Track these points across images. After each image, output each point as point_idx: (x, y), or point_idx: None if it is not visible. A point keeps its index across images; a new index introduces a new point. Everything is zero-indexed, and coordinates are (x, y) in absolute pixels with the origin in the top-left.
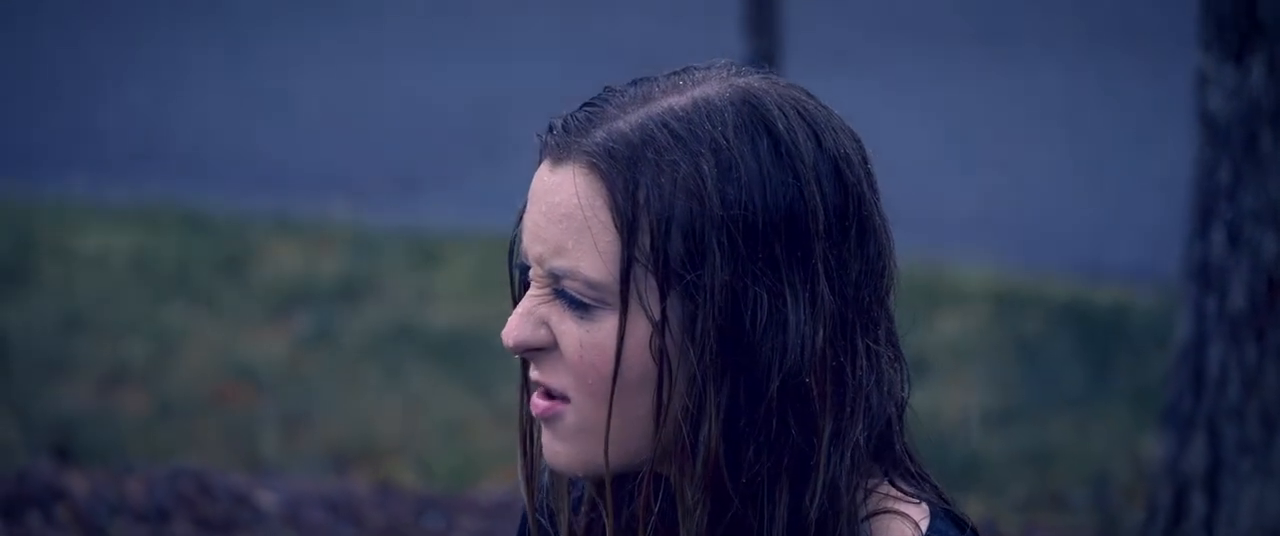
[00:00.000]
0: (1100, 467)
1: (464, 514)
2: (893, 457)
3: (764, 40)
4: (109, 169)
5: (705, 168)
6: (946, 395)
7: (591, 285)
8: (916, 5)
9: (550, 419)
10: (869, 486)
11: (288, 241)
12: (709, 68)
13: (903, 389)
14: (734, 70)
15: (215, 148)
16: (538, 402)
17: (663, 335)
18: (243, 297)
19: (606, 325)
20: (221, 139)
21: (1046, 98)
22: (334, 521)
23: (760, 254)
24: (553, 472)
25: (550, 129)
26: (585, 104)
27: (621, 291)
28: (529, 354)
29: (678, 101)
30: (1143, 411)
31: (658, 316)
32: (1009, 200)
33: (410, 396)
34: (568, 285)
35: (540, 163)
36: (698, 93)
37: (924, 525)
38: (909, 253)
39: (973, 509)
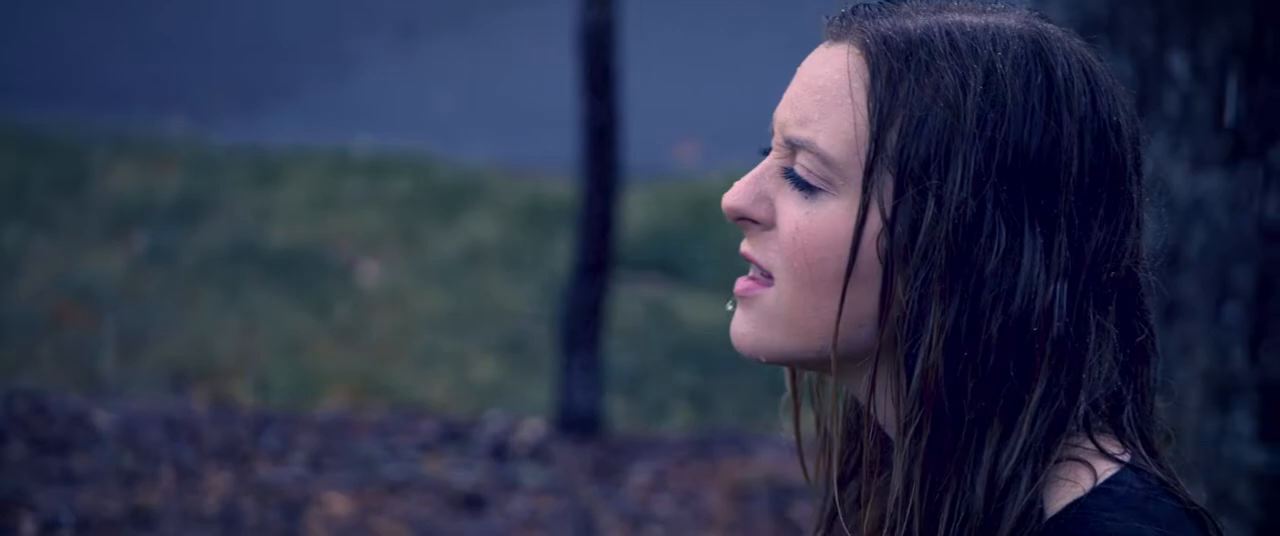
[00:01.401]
0: None
1: (301, 431)
2: (1117, 430)
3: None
4: None
5: (972, 84)
6: None
7: (825, 161)
8: None
9: (748, 299)
10: (1073, 443)
11: (126, 160)
12: (1013, 5)
13: (1147, 375)
14: (1039, 15)
15: (52, 67)
16: (741, 281)
17: (892, 233)
18: (80, 217)
19: (827, 210)
20: (58, 57)
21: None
22: (171, 440)
23: (1006, 185)
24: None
25: (844, 12)
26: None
27: (864, 177)
28: (744, 224)
29: (971, 20)
30: None
31: (889, 214)
32: None
33: (248, 315)
34: (800, 161)
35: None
36: (993, 19)
37: (1105, 474)
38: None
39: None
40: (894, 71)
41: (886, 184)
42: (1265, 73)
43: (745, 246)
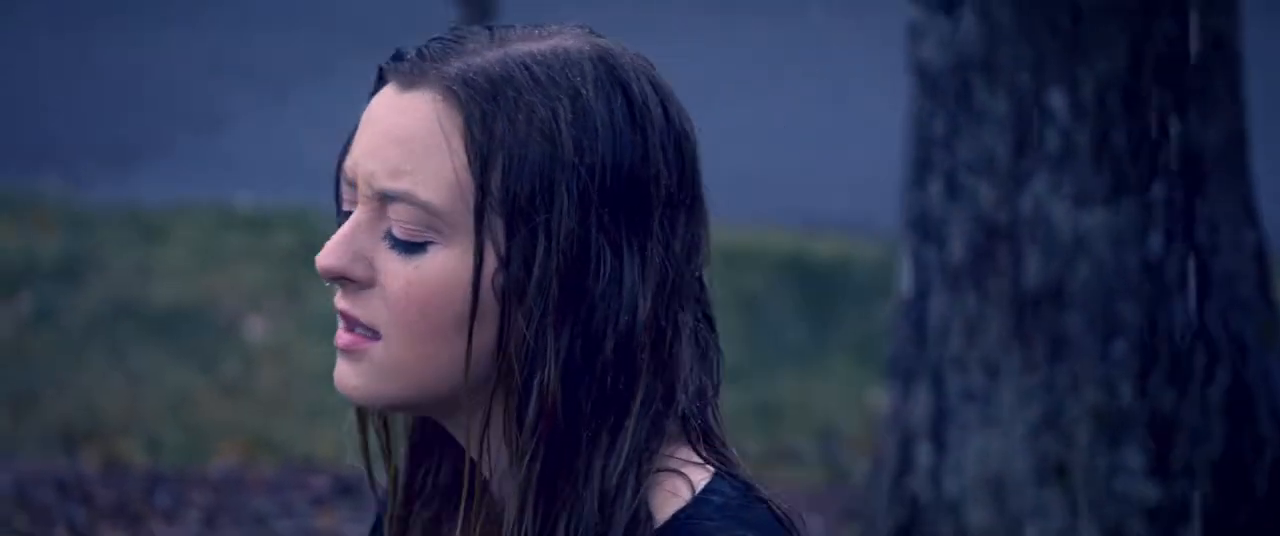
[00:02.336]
0: (828, 421)
1: (194, 489)
2: (700, 431)
3: (476, 3)
4: None
5: (562, 113)
6: None
7: (430, 211)
8: None
9: (353, 352)
10: (666, 452)
11: (3, 220)
12: (563, 25)
13: (717, 367)
14: (589, 31)
15: None
16: (343, 335)
17: (508, 271)
18: None
19: (437, 262)
20: None
21: (755, 47)
22: (63, 501)
23: (606, 208)
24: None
25: (399, 56)
26: (436, 38)
27: (475, 224)
28: (340, 282)
29: (537, 47)
30: (867, 363)
31: (504, 253)
32: (721, 153)
33: (135, 374)
34: (396, 215)
35: (378, 88)
36: (556, 42)
37: (701, 484)
38: None
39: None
40: (486, 113)
41: (496, 225)
42: (1142, 108)
43: (343, 303)
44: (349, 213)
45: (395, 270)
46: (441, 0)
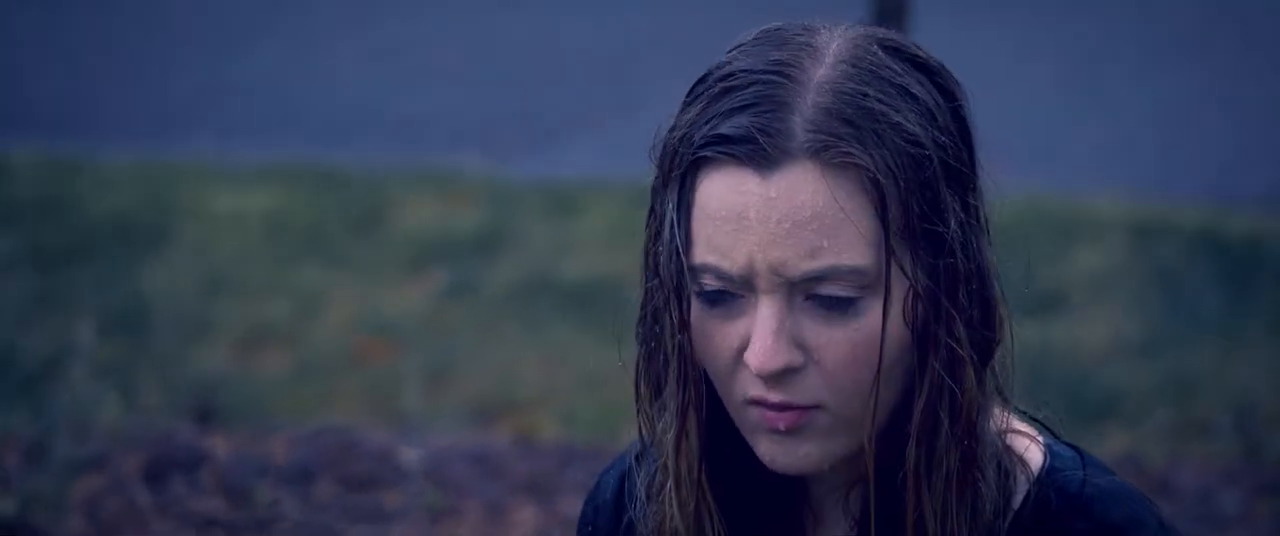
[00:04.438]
0: (1243, 395)
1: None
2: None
3: None
4: (242, 129)
5: (916, 119)
6: (1087, 328)
7: (859, 273)
8: None
9: (801, 428)
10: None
11: (423, 196)
12: (811, 31)
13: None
14: (844, 26)
15: (348, 104)
16: (781, 417)
17: (924, 298)
18: (380, 254)
19: (870, 316)
20: (354, 95)
21: (1173, 24)
22: (477, 476)
23: (965, 197)
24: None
25: (731, 141)
26: (736, 95)
27: (886, 263)
28: (782, 376)
29: (835, 73)
30: None
31: (920, 280)
32: (1140, 130)
33: (550, 348)
34: (828, 287)
35: (710, 174)
36: (847, 45)
37: (1041, 438)
38: (1042, 186)
39: (1116, 440)
40: (869, 159)
41: (906, 254)
42: None
43: (780, 395)
44: (715, 294)
45: (835, 338)
46: None
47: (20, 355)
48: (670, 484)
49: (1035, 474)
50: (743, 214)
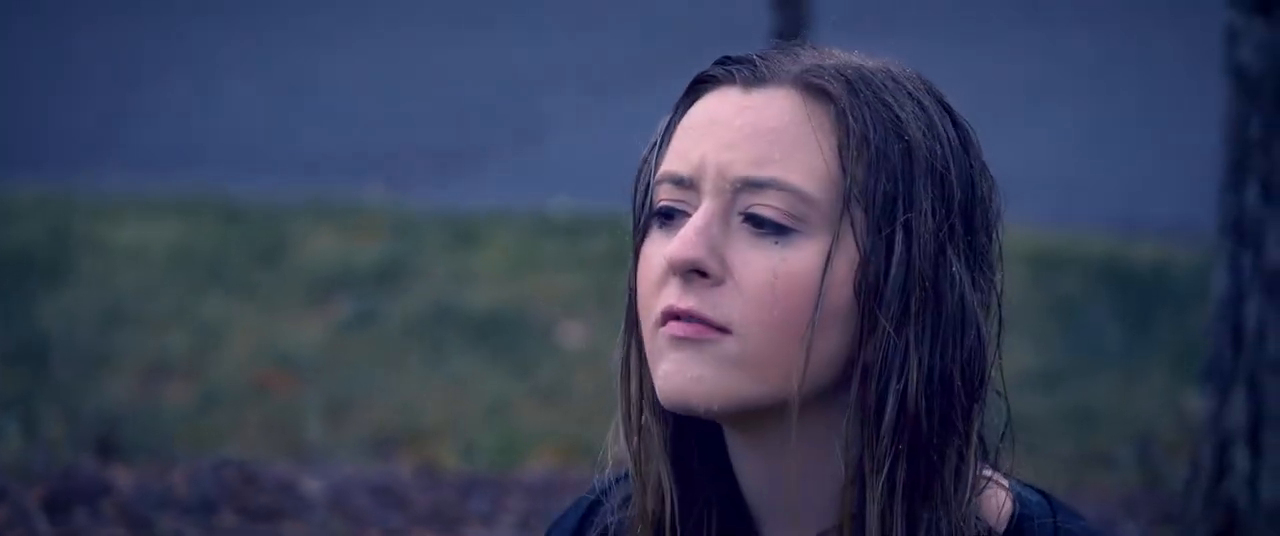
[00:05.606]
0: (1144, 425)
1: (509, 494)
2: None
3: (791, 10)
4: (144, 161)
5: (916, 120)
6: None
7: (802, 199)
8: None
9: (700, 342)
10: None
11: (324, 227)
12: (852, 50)
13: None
14: (889, 58)
15: (248, 137)
16: (682, 325)
17: (869, 269)
18: (282, 285)
19: (803, 253)
20: (254, 128)
21: (1076, 55)
22: (380, 507)
23: (950, 218)
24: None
25: (733, 61)
26: (756, 51)
27: (841, 213)
28: (691, 278)
29: (866, 62)
30: (1184, 368)
31: (868, 251)
32: (1042, 159)
33: (452, 378)
34: (763, 202)
35: (695, 95)
36: (881, 62)
37: (1009, 488)
38: None
39: (1018, 470)
40: (852, 105)
41: (859, 219)
42: None
43: (689, 301)
44: (667, 210)
45: (757, 261)
46: (759, 6)
47: None
48: (635, 441)
49: (1005, 519)
50: (715, 118)
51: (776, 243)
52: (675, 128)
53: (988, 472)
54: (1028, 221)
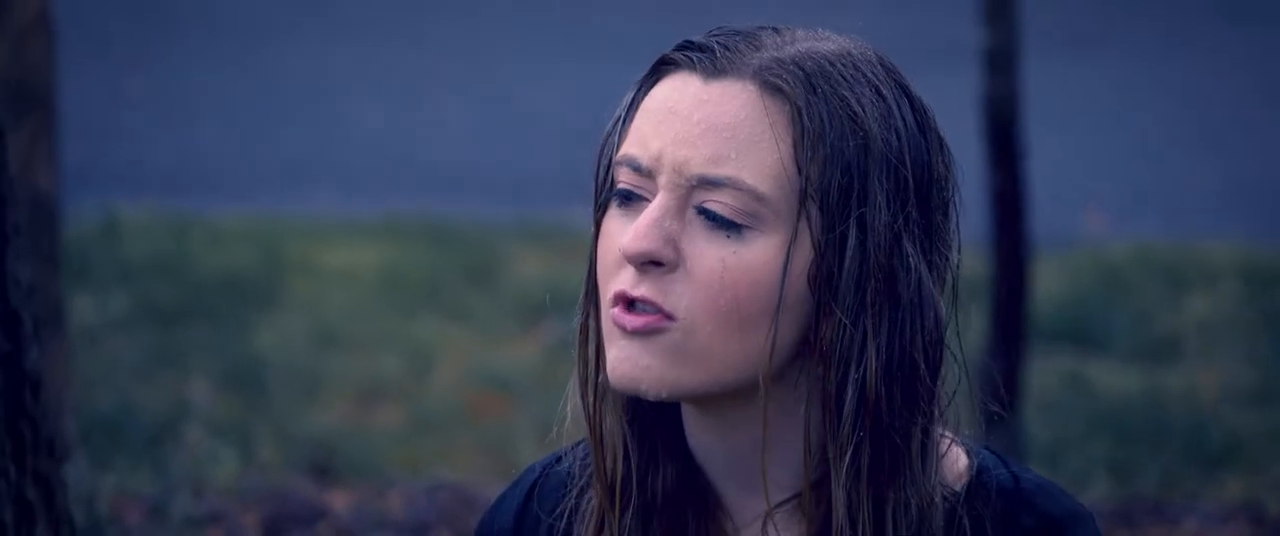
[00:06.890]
0: None
1: None
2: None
3: (1003, 27)
4: (355, 185)
5: (871, 109)
6: (1200, 375)
7: (756, 198)
8: None
9: (649, 333)
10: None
11: (534, 249)
12: (829, 32)
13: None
14: (850, 38)
15: (459, 159)
16: (632, 318)
17: (823, 262)
18: (493, 308)
19: (755, 248)
20: (464, 149)
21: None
22: None
23: (906, 207)
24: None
25: (693, 46)
26: (720, 32)
27: (798, 211)
28: (646, 268)
29: (826, 47)
30: None
31: (823, 246)
32: (1254, 175)
33: None
34: (716, 199)
35: (666, 76)
36: (842, 44)
37: (966, 449)
38: (1151, 233)
39: (1232, 488)
40: (810, 103)
41: (814, 215)
42: None
43: (642, 289)
44: (626, 193)
45: (709, 252)
46: (969, 20)
47: (137, 414)
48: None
49: (964, 473)
50: (674, 108)
51: (729, 237)
52: (638, 106)
53: (943, 432)
54: (1241, 236)
